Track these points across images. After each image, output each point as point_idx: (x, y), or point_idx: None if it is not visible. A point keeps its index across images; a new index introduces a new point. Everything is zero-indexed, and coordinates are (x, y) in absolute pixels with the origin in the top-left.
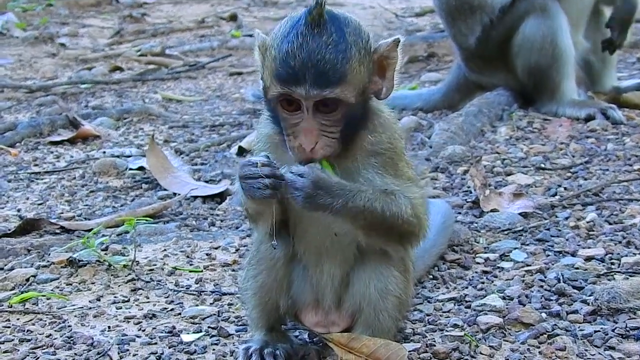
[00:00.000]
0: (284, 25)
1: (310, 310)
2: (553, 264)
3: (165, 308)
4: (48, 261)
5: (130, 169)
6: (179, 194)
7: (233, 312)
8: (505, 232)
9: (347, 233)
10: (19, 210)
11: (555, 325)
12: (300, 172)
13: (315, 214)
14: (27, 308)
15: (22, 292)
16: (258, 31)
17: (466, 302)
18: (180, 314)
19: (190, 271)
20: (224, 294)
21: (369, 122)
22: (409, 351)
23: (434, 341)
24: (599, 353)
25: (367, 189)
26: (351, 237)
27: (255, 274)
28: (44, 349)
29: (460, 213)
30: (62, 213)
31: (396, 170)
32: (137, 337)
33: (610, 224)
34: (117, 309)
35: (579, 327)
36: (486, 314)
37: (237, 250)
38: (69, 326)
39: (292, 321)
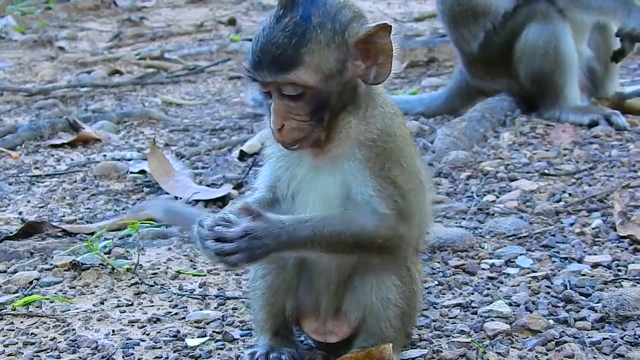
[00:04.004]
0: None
1: (310, 316)
2: (559, 271)
3: (170, 312)
4: (51, 264)
5: (131, 173)
6: (181, 198)
7: (237, 317)
8: (510, 238)
9: None
10: (20, 213)
11: (563, 332)
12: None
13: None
14: (31, 311)
15: (25, 295)
16: None
17: (472, 308)
18: (184, 318)
19: (194, 275)
20: (228, 298)
21: (358, 108)
22: (416, 357)
23: (441, 347)
24: None
25: (313, 217)
26: None
27: (264, 273)
28: (48, 352)
29: (464, 219)
30: (64, 216)
31: (381, 169)
32: (142, 341)
33: (616, 230)
34: (120, 312)
35: (587, 335)
36: (493, 320)
37: None
38: (73, 329)
39: (296, 327)
